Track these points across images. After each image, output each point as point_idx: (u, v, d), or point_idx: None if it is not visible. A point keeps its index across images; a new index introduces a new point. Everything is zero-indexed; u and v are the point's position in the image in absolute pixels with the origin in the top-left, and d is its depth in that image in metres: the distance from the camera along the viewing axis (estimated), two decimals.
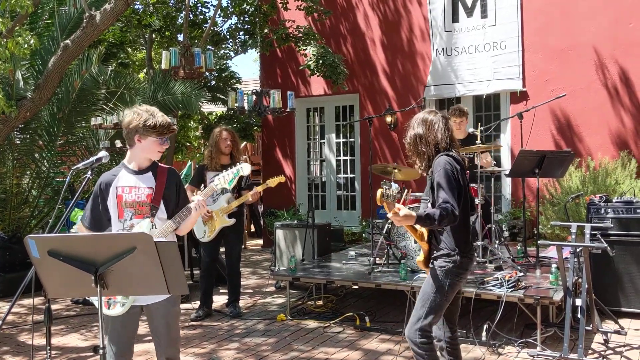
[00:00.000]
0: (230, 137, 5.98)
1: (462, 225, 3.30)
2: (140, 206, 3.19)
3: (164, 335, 3.22)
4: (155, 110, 3.22)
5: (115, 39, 11.51)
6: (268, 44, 10.23)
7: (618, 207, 5.57)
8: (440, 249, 3.32)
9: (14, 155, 8.62)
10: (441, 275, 3.28)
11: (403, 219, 3.06)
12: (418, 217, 3.08)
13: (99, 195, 3.24)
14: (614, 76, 8.26)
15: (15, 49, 5.78)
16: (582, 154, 8.35)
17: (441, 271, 3.28)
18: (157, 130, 3.14)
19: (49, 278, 2.60)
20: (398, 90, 9.85)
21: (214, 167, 5.92)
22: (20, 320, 6.21)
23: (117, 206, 3.20)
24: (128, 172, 3.24)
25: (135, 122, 3.14)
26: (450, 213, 3.11)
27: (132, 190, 3.20)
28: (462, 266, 3.30)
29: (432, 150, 3.37)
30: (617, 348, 4.75)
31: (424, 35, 9.58)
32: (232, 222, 5.91)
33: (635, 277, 5.48)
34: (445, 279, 3.27)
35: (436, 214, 3.09)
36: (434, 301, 3.27)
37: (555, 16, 8.58)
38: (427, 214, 3.09)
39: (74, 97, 8.49)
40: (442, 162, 3.27)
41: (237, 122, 12.74)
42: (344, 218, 10.45)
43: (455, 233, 3.28)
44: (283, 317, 5.87)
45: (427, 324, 3.28)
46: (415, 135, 3.40)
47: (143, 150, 3.20)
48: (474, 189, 6.13)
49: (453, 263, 3.27)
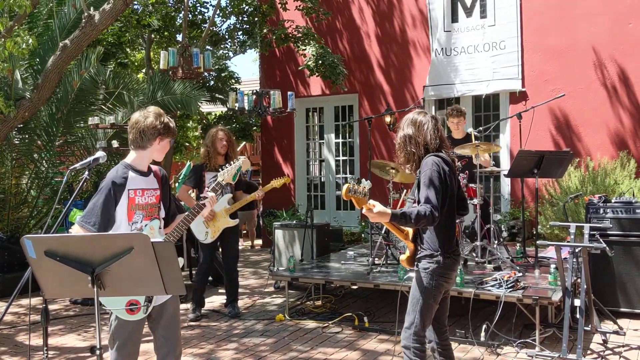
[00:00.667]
0: (226, 137, 5.98)
1: (446, 225, 3.29)
2: (151, 208, 3.22)
3: (173, 332, 3.23)
4: (162, 112, 3.28)
5: (114, 39, 11.51)
6: (267, 44, 10.23)
7: (617, 208, 5.57)
8: (423, 249, 3.31)
9: (12, 155, 8.62)
10: (425, 277, 3.27)
11: (377, 215, 3.05)
12: (393, 215, 3.06)
13: (112, 198, 3.09)
14: (613, 76, 8.26)
15: (14, 49, 5.77)
16: (582, 154, 8.35)
17: (425, 273, 3.27)
18: (171, 131, 3.23)
19: (46, 278, 2.59)
20: (397, 90, 9.85)
21: (212, 167, 5.92)
22: (19, 320, 6.20)
23: (127, 209, 3.14)
24: (137, 174, 3.20)
25: (157, 124, 3.16)
26: (429, 214, 3.09)
27: (145, 192, 3.20)
28: (446, 266, 3.28)
29: (422, 150, 3.35)
30: (615, 348, 4.75)
31: (423, 35, 9.58)
32: (236, 222, 5.93)
33: (634, 278, 5.48)
34: (430, 281, 3.26)
35: (413, 213, 3.07)
36: (424, 304, 3.26)
37: (555, 16, 8.58)
38: (402, 212, 3.08)
39: (72, 97, 8.48)
40: (429, 162, 3.26)
41: (236, 123, 12.74)
42: (343, 218, 10.45)
43: (439, 233, 3.27)
44: (282, 317, 5.86)
45: (421, 328, 3.27)
46: (405, 135, 3.38)
47: (157, 152, 3.24)
48: (472, 189, 6.12)
49: (437, 264, 3.26)
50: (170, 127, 3.22)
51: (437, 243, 3.26)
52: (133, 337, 3.17)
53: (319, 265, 6.57)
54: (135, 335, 3.18)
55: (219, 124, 13.17)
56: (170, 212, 3.38)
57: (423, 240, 3.31)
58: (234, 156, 6.02)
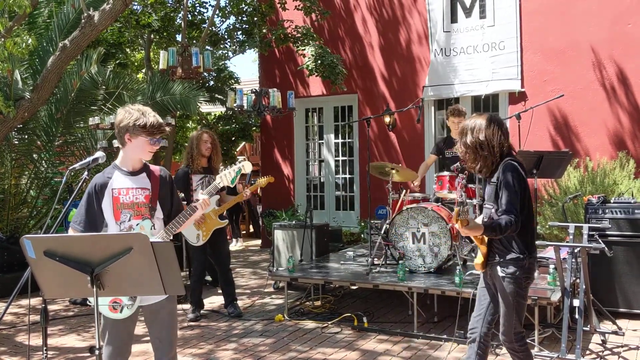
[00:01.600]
0: (210, 139, 6.00)
1: (528, 227, 3.34)
2: (139, 207, 3.18)
3: (167, 334, 3.20)
4: (147, 110, 3.17)
5: (114, 39, 11.51)
6: (266, 44, 10.23)
7: (616, 208, 5.57)
8: (508, 252, 3.32)
9: (12, 155, 8.62)
10: (515, 281, 3.29)
11: (470, 230, 3.13)
12: (485, 229, 3.15)
13: (93, 197, 3.17)
14: (612, 76, 8.27)
15: (14, 49, 5.77)
16: (581, 155, 8.35)
17: (514, 277, 3.29)
18: (147, 130, 3.11)
19: (45, 278, 2.60)
20: (396, 90, 9.85)
21: (196, 170, 5.92)
22: (18, 320, 6.21)
23: (112, 208, 3.16)
24: (122, 173, 3.21)
25: (125, 121, 3.11)
26: (514, 224, 3.16)
27: (129, 191, 3.18)
28: (531, 267, 3.36)
29: (497, 155, 3.35)
30: (614, 349, 4.76)
31: (423, 35, 9.58)
32: (225, 223, 5.98)
33: (633, 278, 5.48)
34: (520, 284, 3.31)
35: (501, 224, 3.15)
36: (518, 307, 3.33)
37: (554, 17, 8.58)
38: (491, 225, 3.16)
39: (72, 98, 8.49)
40: (509, 167, 3.28)
41: (235, 122, 12.75)
42: (342, 218, 10.45)
43: (522, 236, 3.30)
44: (281, 317, 5.87)
45: (520, 328, 3.35)
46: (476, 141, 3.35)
47: (133, 150, 3.17)
48: (472, 189, 6.13)
49: (522, 267, 3.30)
50: (142, 124, 3.08)
51: (522, 246, 3.30)
52: (119, 335, 3.16)
53: (318, 266, 6.57)
54: (121, 333, 3.17)
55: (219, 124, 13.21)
56: (171, 215, 3.30)
57: (505, 245, 3.33)
58: (217, 160, 6.02)
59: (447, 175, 6.21)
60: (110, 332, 3.15)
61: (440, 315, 5.62)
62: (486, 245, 3.41)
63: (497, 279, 3.35)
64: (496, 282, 3.39)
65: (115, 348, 3.16)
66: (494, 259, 3.36)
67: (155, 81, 8.70)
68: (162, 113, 8.25)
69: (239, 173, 3.44)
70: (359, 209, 10.25)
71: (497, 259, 3.35)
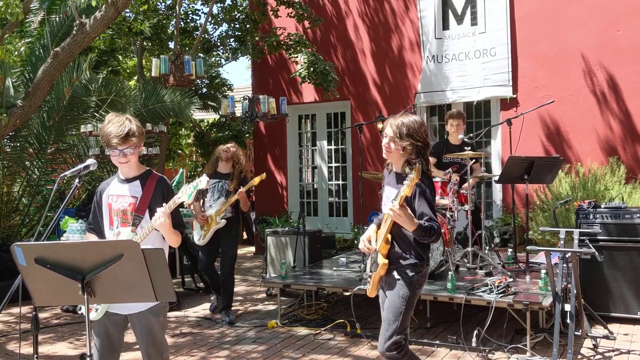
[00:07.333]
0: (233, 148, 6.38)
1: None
2: (124, 214, 3.21)
3: (144, 347, 3.20)
4: (114, 119, 3.12)
5: (106, 47, 11.51)
6: (259, 51, 10.26)
7: (606, 213, 5.61)
8: (406, 258, 3.27)
9: (4, 163, 8.58)
10: (409, 286, 3.25)
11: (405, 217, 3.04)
12: (418, 226, 3.09)
13: (96, 202, 3.33)
14: (602, 83, 8.33)
15: (6, 57, 5.78)
16: (572, 160, 8.40)
17: (408, 281, 3.25)
18: (103, 140, 3.14)
19: (36, 286, 2.60)
20: (388, 97, 9.89)
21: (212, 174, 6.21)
22: (9, 329, 6.17)
23: (108, 214, 3.25)
24: (118, 180, 3.29)
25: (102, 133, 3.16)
26: (438, 233, 3.16)
27: (119, 198, 3.23)
28: (425, 275, 3.35)
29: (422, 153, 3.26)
30: (606, 353, 4.78)
31: (415, 42, 9.63)
32: (223, 223, 6.06)
33: (624, 283, 5.51)
34: (413, 289, 3.27)
35: (433, 230, 3.12)
36: (406, 313, 3.27)
37: (545, 23, 8.65)
38: (426, 227, 3.10)
39: (64, 105, 8.46)
40: (431, 179, 3.30)
41: (229, 130, 12.74)
42: (335, 225, 10.46)
43: (420, 243, 3.27)
44: (274, 324, 5.86)
45: (402, 337, 3.28)
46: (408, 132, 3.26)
47: (116, 162, 3.21)
48: (463, 195, 6.15)
49: (419, 273, 3.28)
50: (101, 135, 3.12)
51: (422, 253, 3.28)
52: (100, 334, 3.19)
53: (311, 272, 6.58)
54: (101, 333, 3.18)
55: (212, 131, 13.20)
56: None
57: (404, 249, 3.28)
58: (239, 167, 6.31)
59: (439, 180, 6.24)
60: (95, 330, 3.20)
61: (432, 321, 5.62)
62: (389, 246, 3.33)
63: (390, 283, 3.32)
64: (387, 287, 3.35)
65: (101, 346, 3.19)
66: (391, 264, 3.31)
67: (148, 88, 8.69)
68: (155, 120, 8.25)
69: (195, 189, 3.41)
70: (352, 215, 10.26)
71: (395, 264, 3.30)
